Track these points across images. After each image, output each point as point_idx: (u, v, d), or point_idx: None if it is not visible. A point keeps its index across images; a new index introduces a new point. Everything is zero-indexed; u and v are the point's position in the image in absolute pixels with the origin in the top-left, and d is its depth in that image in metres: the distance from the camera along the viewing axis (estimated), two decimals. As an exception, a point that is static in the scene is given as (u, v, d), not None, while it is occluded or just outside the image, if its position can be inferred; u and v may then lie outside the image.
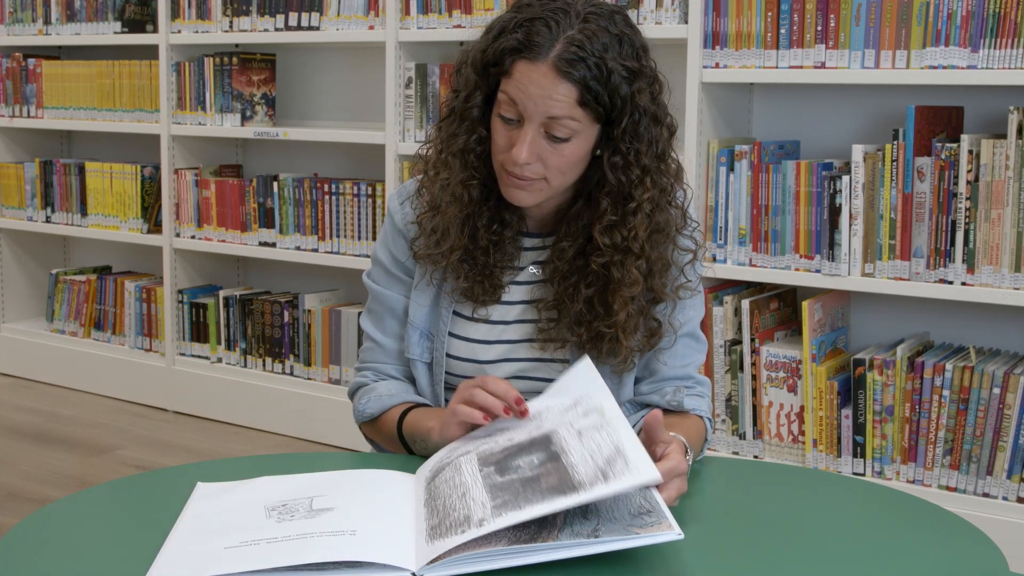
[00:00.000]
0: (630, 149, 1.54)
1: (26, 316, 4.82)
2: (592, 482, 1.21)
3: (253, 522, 1.29)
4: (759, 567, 1.25)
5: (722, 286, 3.15)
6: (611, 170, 1.55)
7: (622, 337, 1.57)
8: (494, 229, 1.62)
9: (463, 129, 1.60)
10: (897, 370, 2.85)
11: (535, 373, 1.65)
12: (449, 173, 1.60)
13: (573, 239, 1.60)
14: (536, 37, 1.50)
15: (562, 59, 1.49)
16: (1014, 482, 2.74)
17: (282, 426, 3.95)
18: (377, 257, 1.73)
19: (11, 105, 4.59)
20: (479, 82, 1.57)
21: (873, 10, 2.80)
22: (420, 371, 1.69)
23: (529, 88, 1.50)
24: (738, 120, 3.22)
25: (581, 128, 1.52)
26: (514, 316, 1.65)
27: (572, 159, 1.54)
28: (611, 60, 1.50)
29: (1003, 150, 2.67)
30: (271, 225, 3.93)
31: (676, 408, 1.63)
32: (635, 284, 1.56)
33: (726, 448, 3.12)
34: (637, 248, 1.56)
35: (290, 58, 4.16)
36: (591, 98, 1.50)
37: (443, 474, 1.36)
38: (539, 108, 1.50)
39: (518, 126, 1.53)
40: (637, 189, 1.55)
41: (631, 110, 1.53)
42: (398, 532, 1.24)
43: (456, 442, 1.46)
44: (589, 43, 1.49)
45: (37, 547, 1.29)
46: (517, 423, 1.43)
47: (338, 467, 1.51)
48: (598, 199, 1.56)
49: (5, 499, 3.32)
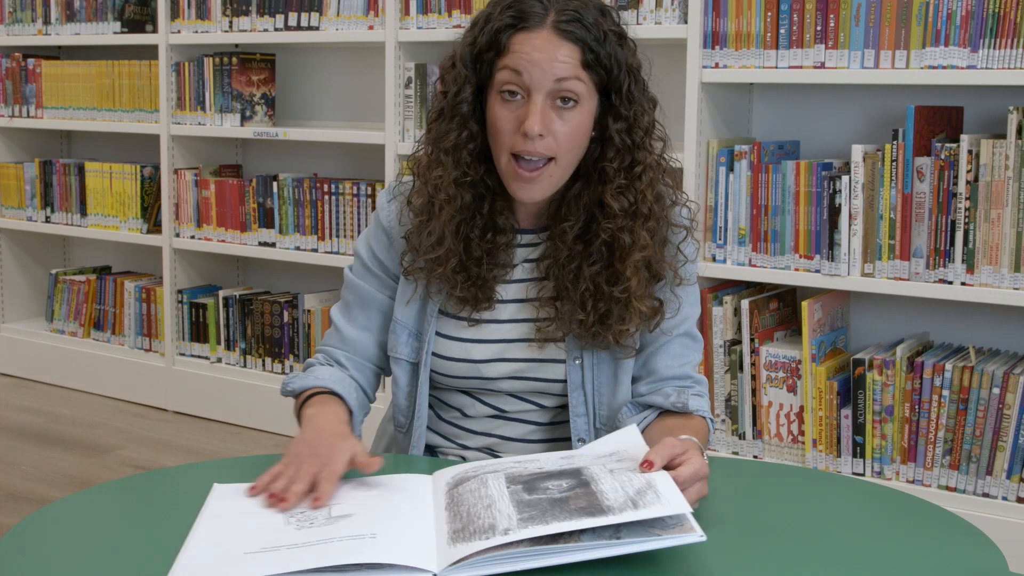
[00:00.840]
0: (631, 111, 1.57)
1: (26, 316, 4.82)
2: (621, 508, 1.21)
3: (272, 528, 1.29)
4: (759, 567, 1.25)
5: (722, 286, 3.15)
6: (617, 134, 1.56)
7: (635, 302, 1.57)
8: (487, 238, 1.61)
9: (454, 125, 1.59)
10: (897, 370, 2.86)
11: (532, 373, 1.64)
12: (442, 171, 1.59)
13: (575, 220, 1.59)
14: (529, 10, 1.53)
15: (560, 22, 1.52)
16: (1014, 482, 2.74)
17: (282, 426, 3.95)
18: (358, 250, 1.73)
19: (11, 105, 4.59)
20: (469, 76, 1.57)
21: (873, 10, 2.80)
22: (403, 370, 1.67)
23: (533, 54, 1.51)
24: (738, 120, 3.22)
25: (586, 93, 1.54)
26: (508, 315, 1.64)
27: (580, 128, 1.55)
28: (604, 24, 1.55)
29: (1003, 150, 2.67)
30: (271, 225, 3.93)
31: (681, 409, 1.62)
32: (646, 247, 1.57)
33: (726, 448, 3.12)
34: (646, 210, 1.57)
35: (290, 58, 4.16)
36: (593, 58, 1.53)
37: (468, 484, 1.35)
38: (546, 72, 1.51)
39: (523, 103, 1.53)
40: (640, 152, 1.58)
41: (627, 73, 1.56)
42: (418, 535, 1.24)
43: (482, 462, 1.45)
44: (580, 9, 1.53)
45: (37, 547, 1.30)
46: (547, 457, 1.42)
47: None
48: (604, 168, 1.57)
49: (5, 499, 3.32)
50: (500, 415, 1.68)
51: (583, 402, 1.64)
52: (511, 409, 1.67)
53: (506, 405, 1.67)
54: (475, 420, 1.69)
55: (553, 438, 1.69)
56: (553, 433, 1.69)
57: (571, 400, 1.64)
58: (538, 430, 1.69)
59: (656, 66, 1.64)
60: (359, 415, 1.68)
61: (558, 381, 1.64)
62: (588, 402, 1.64)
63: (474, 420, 1.69)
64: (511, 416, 1.68)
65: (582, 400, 1.64)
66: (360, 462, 1.41)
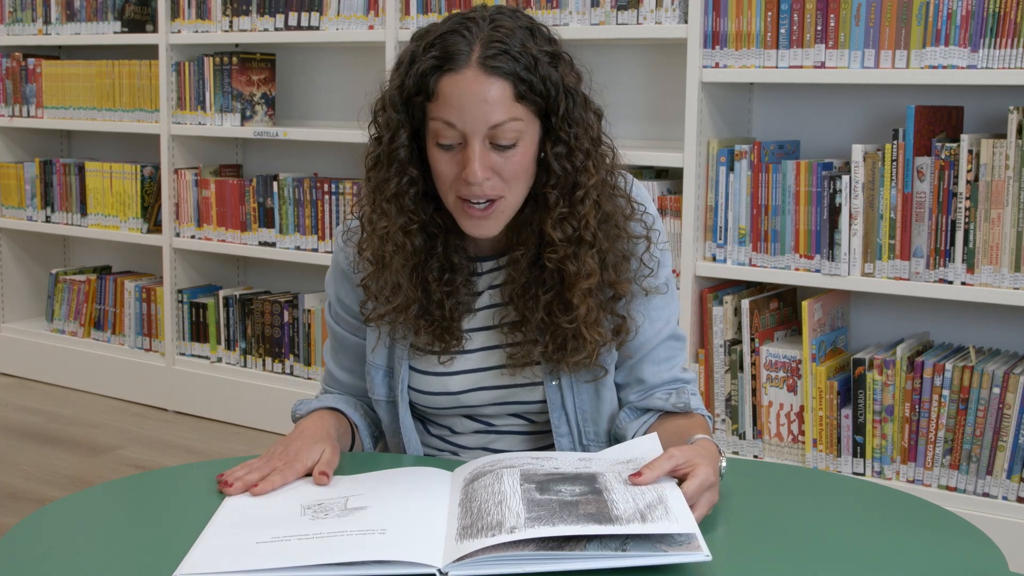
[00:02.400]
0: (569, 135, 1.50)
1: (26, 316, 4.82)
2: (629, 519, 1.21)
3: (288, 519, 1.31)
4: (759, 566, 1.25)
5: (722, 286, 3.15)
6: (555, 160, 1.50)
7: (584, 331, 1.52)
8: (445, 279, 1.57)
9: (392, 172, 1.52)
10: (897, 370, 2.85)
11: (512, 398, 1.62)
12: (387, 221, 1.52)
13: (526, 246, 1.55)
14: (452, 48, 1.45)
15: (486, 57, 1.44)
16: (1014, 482, 2.74)
17: (282, 426, 3.95)
18: (327, 293, 1.71)
19: (11, 105, 4.59)
20: (401, 120, 1.51)
21: (873, 10, 2.80)
22: (383, 409, 1.68)
23: (462, 99, 1.44)
24: (738, 120, 3.22)
25: (525, 128, 1.47)
26: (479, 343, 1.62)
27: (524, 164, 1.49)
28: (532, 48, 1.47)
29: (1003, 150, 2.67)
30: (271, 225, 3.93)
31: (683, 409, 1.61)
32: (592, 275, 1.52)
33: (726, 448, 3.12)
34: (589, 236, 1.51)
35: (290, 58, 4.16)
36: (526, 88, 1.46)
37: (483, 479, 1.36)
38: (478, 117, 1.44)
39: (461, 149, 1.47)
40: (582, 175, 1.51)
41: (564, 94, 1.49)
42: (428, 530, 1.25)
43: (501, 455, 1.45)
44: (507, 39, 1.46)
45: (37, 547, 1.30)
46: (565, 457, 1.42)
47: (344, 468, 1.51)
48: (546, 194, 1.52)
49: (5, 499, 3.32)
50: (490, 430, 1.67)
51: (565, 422, 1.62)
52: (500, 424, 1.67)
53: (495, 421, 1.67)
54: (465, 436, 1.68)
55: (546, 446, 1.67)
56: (544, 441, 1.67)
57: (553, 420, 1.62)
58: (529, 439, 1.68)
59: (656, 66, 1.64)
60: (366, 429, 1.70)
61: (539, 402, 1.62)
62: (571, 421, 1.62)
63: (464, 436, 1.68)
64: (501, 430, 1.67)
65: (564, 420, 1.62)
66: (319, 470, 1.44)
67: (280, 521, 1.31)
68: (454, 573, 1.16)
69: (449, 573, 1.16)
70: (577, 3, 3.18)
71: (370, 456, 1.68)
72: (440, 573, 1.16)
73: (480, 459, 1.46)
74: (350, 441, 1.67)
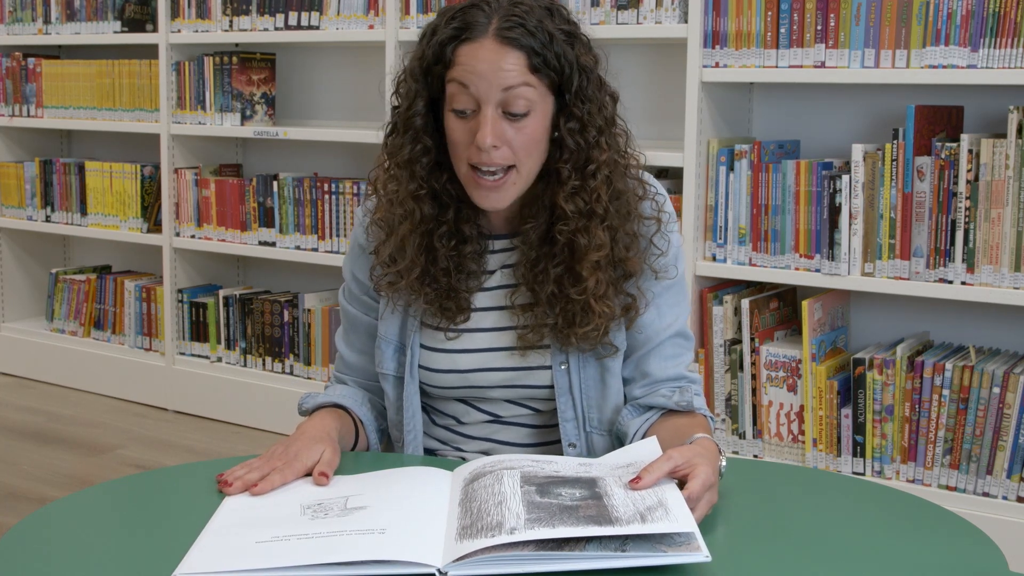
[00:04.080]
0: (583, 111, 1.55)
1: (26, 316, 4.82)
2: (629, 521, 1.22)
3: (287, 518, 1.31)
4: (759, 566, 1.25)
5: (722, 285, 3.15)
6: (569, 135, 1.54)
7: (593, 303, 1.55)
8: (453, 246, 1.60)
9: (407, 139, 1.58)
10: (897, 370, 2.86)
11: (521, 381, 1.64)
12: (397, 185, 1.58)
13: (536, 220, 1.58)
14: (471, 20, 1.51)
15: (503, 29, 1.50)
16: (1014, 481, 2.74)
17: (282, 426, 3.95)
18: (344, 273, 1.74)
19: (11, 104, 4.59)
20: (419, 89, 1.56)
21: (873, 10, 2.80)
22: (390, 384, 1.68)
23: (478, 66, 1.49)
24: (738, 120, 3.22)
25: (537, 98, 1.52)
26: (489, 323, 1.64)
27: (535, 135, 1.53)
28: (549, 26, 1.52)
29: (1003, 150, 2.67)
30: (271, 224, 3.93)
31: (685, 408, 1.61)
32: (602, 247, 1.55)
33: (726, 448, 3.12)
34: (600, 210, 1.55)
35: (290, 58, 4.16)
36: (540, 62, 1.51)
37: (483, 480, 1.36)
38: (492, 83, 1.49)
39: (474, 116, 1.52)
40: (595, 151, 1.55)
41: (579, 71, 1.54)
42: (428, 530, 1.25)
43: (502, 455, 1.46)
44: (525, 14, 1.51)
45: (37, 547, 1.30)
46: (565, 461, 1.43)
47: (344, 467, 1.51)
48: (558, 169, 1.55)
49: (5, 499, 3.32)
50: (495, 420, 1.68)
51: (571, 407, 1.63)
52: (506, 414, 1.68)
53: (501, 411, 1.67)
54: (470, 426, 1.69)
55: (549, 441, 1.69)
56: (549, 436, 1.69)
57: (559, 405, 1.63)
58: (534, 433, 1.69)
59: (656, 66, 1.64)
60: (372, 423, 1.71)
61: (546, 387, 1.64)
62: (576, 407, 1.63)
63: (469, 426, 1.69)
64: (506, 421, 1.68)
65: (570, 405, 1.63)
66: (319, 470, 1.45)
67: (280, 521, 1.31)
68: (454, 573, 1.16)
69: (449, 573, 1.16)
70: (577, 3, 3.18)
71: (371, 456, 1.68)
72: (440, 573, 1.16)
73: (480, 460, 1.46)
74: (353, 441, 1.67)
